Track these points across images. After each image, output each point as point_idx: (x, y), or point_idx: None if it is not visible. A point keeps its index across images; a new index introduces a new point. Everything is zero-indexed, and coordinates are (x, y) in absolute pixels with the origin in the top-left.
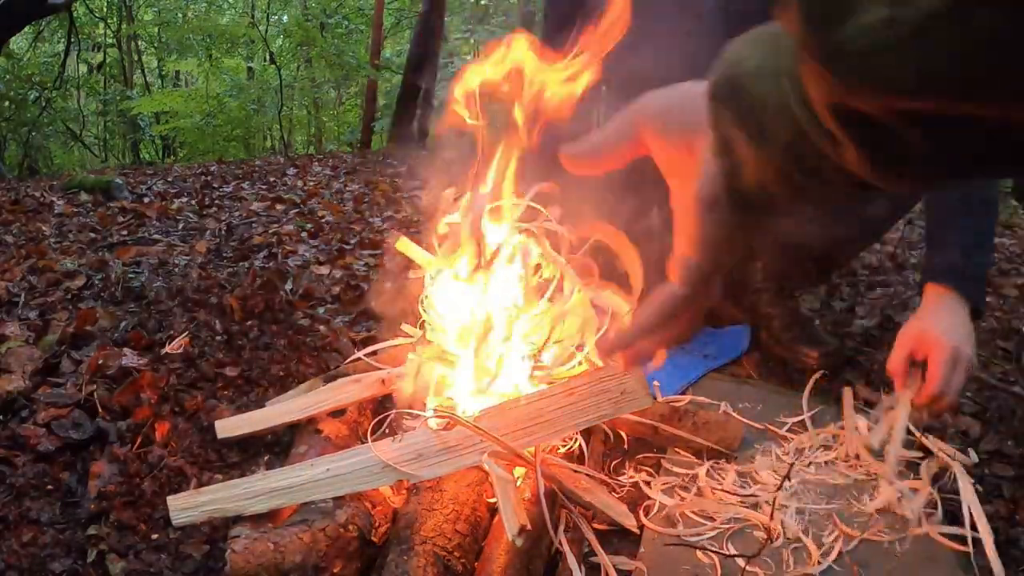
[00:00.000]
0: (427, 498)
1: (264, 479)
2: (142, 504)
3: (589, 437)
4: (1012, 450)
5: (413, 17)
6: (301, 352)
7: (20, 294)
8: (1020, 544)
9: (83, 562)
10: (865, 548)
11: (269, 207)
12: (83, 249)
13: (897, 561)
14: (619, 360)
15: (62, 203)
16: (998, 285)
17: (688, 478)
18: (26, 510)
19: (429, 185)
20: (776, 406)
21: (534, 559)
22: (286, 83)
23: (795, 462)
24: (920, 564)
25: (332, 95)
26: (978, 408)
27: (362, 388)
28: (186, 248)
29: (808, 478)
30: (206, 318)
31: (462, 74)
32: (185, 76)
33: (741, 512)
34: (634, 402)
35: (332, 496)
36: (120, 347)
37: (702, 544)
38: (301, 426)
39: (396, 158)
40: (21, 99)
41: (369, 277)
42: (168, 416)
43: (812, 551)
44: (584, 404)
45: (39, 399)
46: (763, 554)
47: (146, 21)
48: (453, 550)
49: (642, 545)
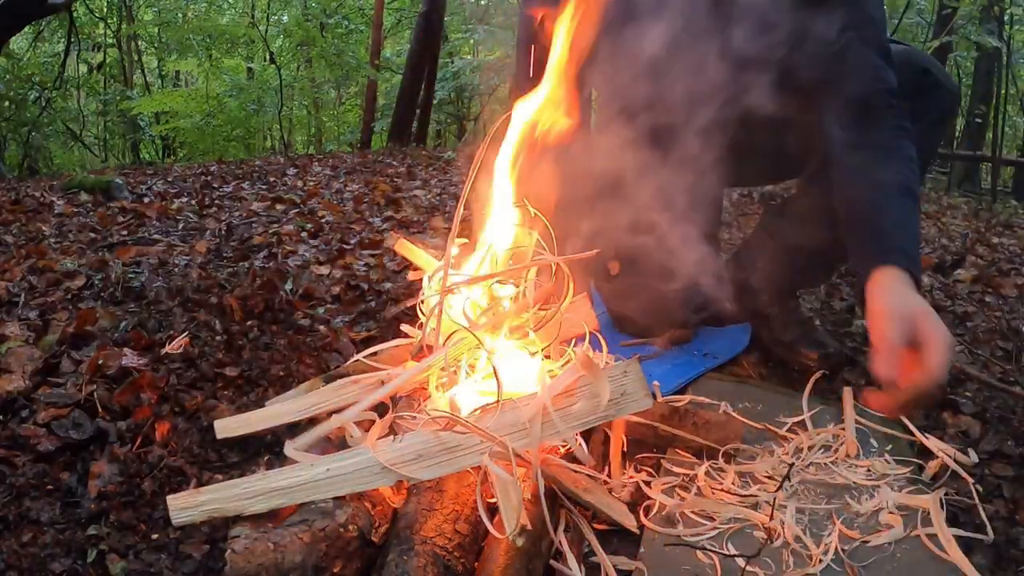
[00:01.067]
0: (427, 498)
1: (264, 479)
2: (142, 504)
3: (589, 437)
4: (1012, 450)
5: (413, 17)
6: (301, 352)
7: (20, 294)
8: (1020, 544)
9: (83, 562)
10: (865, 550)
11: (269, 207)
12: (83, 249)
13: (897, 562)
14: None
15: (62, 203)
16: (998, 285)
17: (688, 478)
18: (26, 510)
19: (429, 185)
20: (776, 406)
21: (534, 559)
22: (286, 83)
23: (795, 462)
24: (920, 566)
25: (332, 95)
26: (978, 408)
27: (362, 389)
28: (186, 248)
29: (808, 478)
30: (206, 318)
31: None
32: (185, 76)
33: (741, 512)
34: (634, 403)
35: (332, 496)
36: (120, 347)
37: (702, 544)
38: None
39: (396, 158)
40: (21, 99)
41: (369, 277)
42: (168, 416)
43: (812, 551)
44: (585, 405)
45: (39, 399)
46: (763, 554)
47: (146, 21)
48: (453, 550)
49: (642, 545)
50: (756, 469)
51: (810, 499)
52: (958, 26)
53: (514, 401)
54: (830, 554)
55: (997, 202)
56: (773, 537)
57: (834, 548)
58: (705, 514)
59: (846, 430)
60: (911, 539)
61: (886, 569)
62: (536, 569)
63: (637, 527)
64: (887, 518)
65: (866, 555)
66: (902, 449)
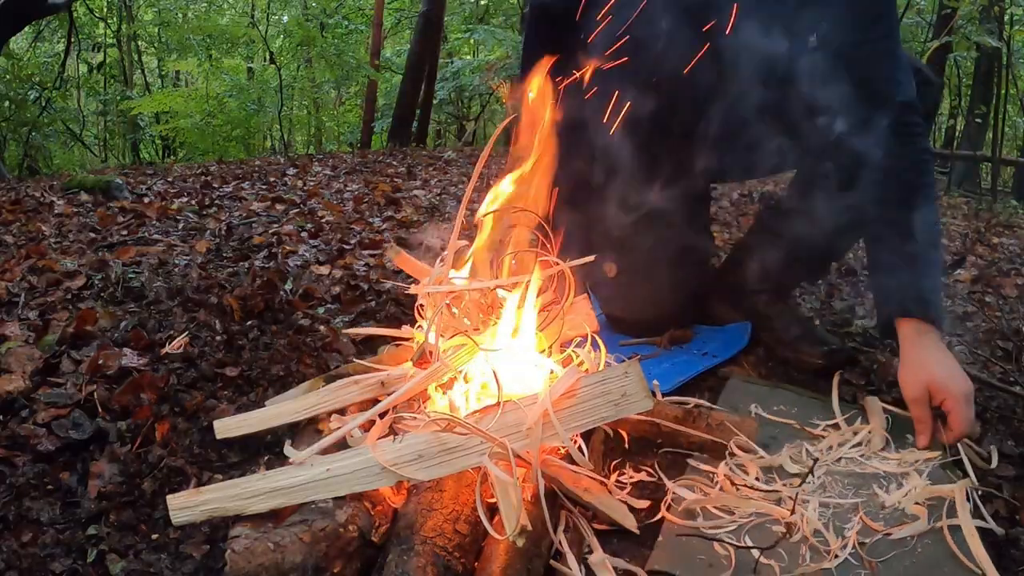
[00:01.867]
0: (427, 498)
1: (264, 479)
2: (142, 504)
3: (589, 437)
4: (1012, 450)
5: (413, 17)
6: (301, 352)
7: (20, 294)
8: (1020, 544)
9: (83, 562)
10: (885, 544)
11: (269, 207)
12: (83, 249)
13: (916, 557)
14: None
15: (62, 203)
16: (998, 285)
17: (711, 475)
18: (26, 510)
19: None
20: (810, 409)
21: (534, 559)
22: (286, 83)
23: (818, 458)
24: (938, 562)
25: (332, 95)
26: (978, 408)
27: (361, 390)
28: (186, 248)
29: (836, 469)
30: (206, 318)
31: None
32: (185, 76)
33: (763, 507)
34: (635, 404)
35: (332, 496)
36: (120, 347)
37: (719, 537)
38: (301, 426)
39: (396, 158)
40: (21, 99)
41: (369, 277)
42: (168, 416)
43: (832, 544)
44: (585, 406)
45: (39, 399)
46: (781, 548)
47: (146, 21)
48: (453, 550)
49: (661, 535)
50: (778, 462)
51: (836, 491)
52: (958, 26)
53: (515, 402)
54: (848, 548)
55: (997, 202)
56: (792, 531)
57: (853, 543)
58: (726, 509)
59: (874, 434)
60: (932, 533)
61: (904, 564)
62: (536, 569)
63: (652, 521)
64: (913, 509)
65: (886, 549)
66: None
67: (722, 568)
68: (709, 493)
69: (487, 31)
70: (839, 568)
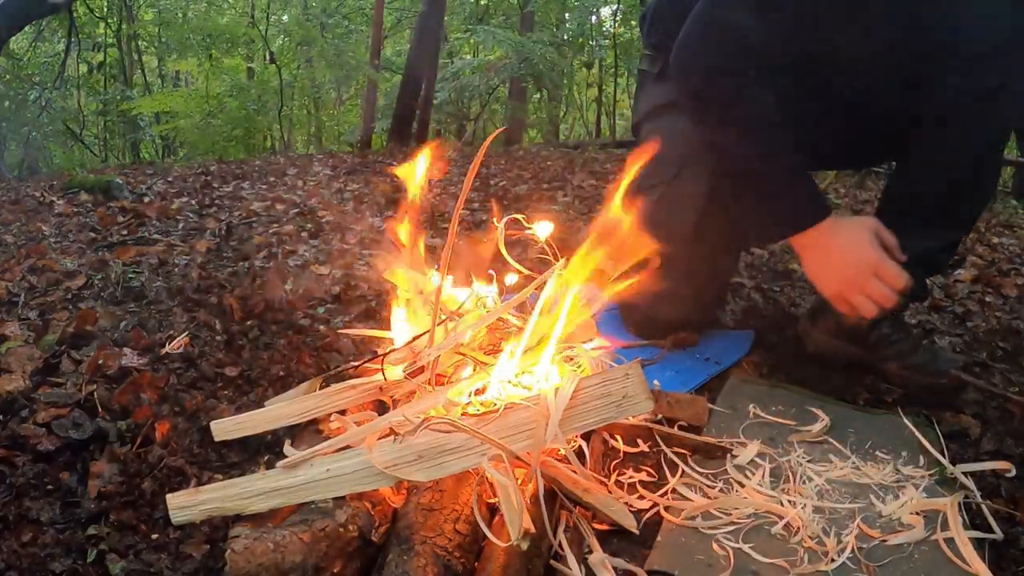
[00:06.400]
0: (427, 498)
1: (264, 479)
2: (142, 504)
3: (589, 438)
4: (1012, 450)
5: (413, 17)
6: (301, 352)
7: (20, 294)
8: (1020, 544)
9: (83, 562)
10: (882, 549)
11: (269, 207)
12: (83, 249)
13: (914, 563)
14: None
15: (62, 203)
16: (998, 285)
17: (713, 476)
18: (26, 510)
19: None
20: (807, 410)
21: (534, 559)
22: (286, 83)
23: (813, 463)
24: (937, 568)
25: (332, 95)
26: (978, 408)
27: (360, 393)
28: (186, 248)
29: (835, 477)
30: (206, 318)
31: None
32: (185, 76)
33: (762, 508)
34: (636, 406)
35: (332, 496)
36: (120, 347)
37: (717, 536)
38: (301, 426)
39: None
40: (21, 99)
41: (369, 277)
42: (168, 416)
43: (830, 548)
44: (586, 407)
45: (39, 399)
46: (779, 550)
47: (146, 21)
48: (453, 550)
49: (660, 535)
50: (784, 468)
51: (834, 499)
52: None
53: (516, 404)
54: (846, 552)
55: (997, 202)
56: (791, 533)
57: (851, 547)
58: (725, 509)
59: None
60: (930, 541)
61: (903, 569)
62: (536, 569)
63: (656, 519)
64: (909, 518)
65: (884, 554)
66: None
67: (721, 568)
68: (709, 494)
69: (487, 31)
70: (836, 571)
